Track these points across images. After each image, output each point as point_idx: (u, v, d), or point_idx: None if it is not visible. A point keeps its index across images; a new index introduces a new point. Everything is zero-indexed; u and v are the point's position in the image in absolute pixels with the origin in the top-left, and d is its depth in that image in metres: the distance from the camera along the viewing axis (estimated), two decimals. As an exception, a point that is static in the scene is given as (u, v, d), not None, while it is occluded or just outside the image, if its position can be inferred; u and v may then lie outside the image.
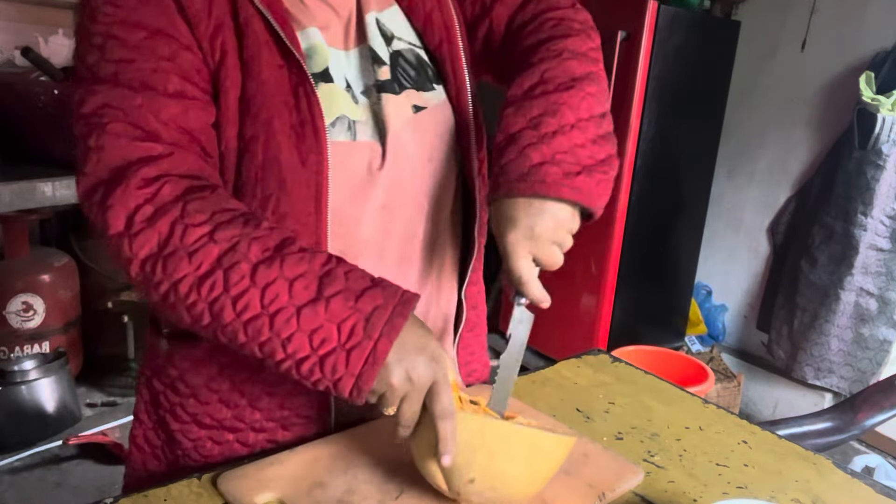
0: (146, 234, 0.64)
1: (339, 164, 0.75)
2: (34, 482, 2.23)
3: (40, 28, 2.73)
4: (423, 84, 0.83)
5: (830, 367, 2.85)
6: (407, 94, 0.81)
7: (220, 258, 0.63)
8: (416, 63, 0.84)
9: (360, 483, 0.74)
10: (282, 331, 0.63)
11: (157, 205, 0.65)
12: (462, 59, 0.85)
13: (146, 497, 0.71)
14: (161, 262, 0.64)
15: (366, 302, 0.64)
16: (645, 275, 3.06)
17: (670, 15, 2.73)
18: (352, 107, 0.78)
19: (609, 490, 0.76)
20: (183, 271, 0.64)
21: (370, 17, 0.81)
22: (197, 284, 0.64)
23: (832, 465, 0.87)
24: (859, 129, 2.68)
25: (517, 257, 0.72)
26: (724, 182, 3.27)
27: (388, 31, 0.83)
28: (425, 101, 0.83)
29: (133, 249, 0.64)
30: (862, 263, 2.72)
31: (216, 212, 0.66)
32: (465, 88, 0.85)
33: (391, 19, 0.84)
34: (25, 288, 2.45)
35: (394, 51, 0.82)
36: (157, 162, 0.66)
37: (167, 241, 0.64)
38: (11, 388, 2.34)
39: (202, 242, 0.64)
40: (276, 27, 0.72)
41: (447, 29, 0.84)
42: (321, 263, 0.65)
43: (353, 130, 0.77)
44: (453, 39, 0.84)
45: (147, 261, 0.64)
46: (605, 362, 1.13)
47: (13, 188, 1.83)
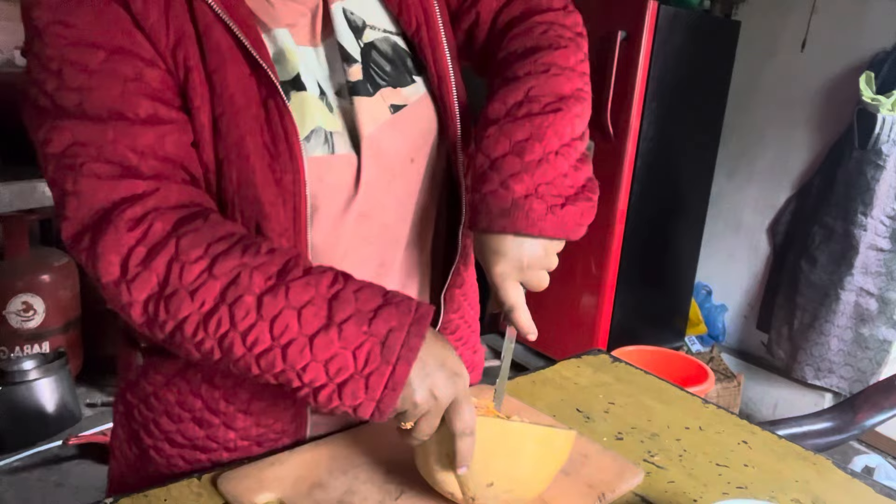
0: (143, 277, 0.61)
1: (317, 180, 0.70)
2: (34, 482, 2.23)
3: (40, 28, 2.73)
4: (400, 79, 0.77)
5: (830, 367, 2.85)
6: (382, 94, 0.75)
7: (222, 293, 0.60)
8: (391, 54, 0.77)
9: (360, 483, 0.74)
10: (296, 362, 0.61)
11: (150, 244, 0.61)
12: (444, 44, 0.78)
13: (146, 497, 0.71)
14: (163, 303, 0.61)
15: (380, 324, 0.61)
16: (645, 275, 3.06)
17: (670, 15, 2.73)
18: (327, 116, 0.72)
19: (609, 490, 0.76)
20: (186, 310, 0.61)
21: (336, 7, 0.74)
22: (203, 322, 0.61)
23: (832, 465, 0.87)
24: (859, 129, 2.68)
25: (507, 288, 0.71)
26: (724, 182, 3.27)
27: (357, 20, 0.76)
28: (404, 97, 0.77)
29: (132, 294, 0.61)
30: (862, 263, 2.72)
31: (211, 243, 0.62)
32: (448, 77, 0.78)
33: (361, 5, 0.77)
34: (25, 288, 2.45)
35: (366, 43, 0.76)
36: (142, 200, 0.62)
37: (166, 281, 0.61)
38: (11, 388, 2.34)
39: (202, 279, 0.60)
40: (239, 34, 0.66)
41: (425, 11, 0.77)
42: (327, 285, 0.62)
43: (331, 143, 0.72)
44: (432, 23, 0.77)
45: (148, 303, 0.61)
46: (605, 362, 1.13)
47: (13, 188, 1.84)
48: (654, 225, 3.01)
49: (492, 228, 0.70)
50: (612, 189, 2.83)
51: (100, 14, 0.62)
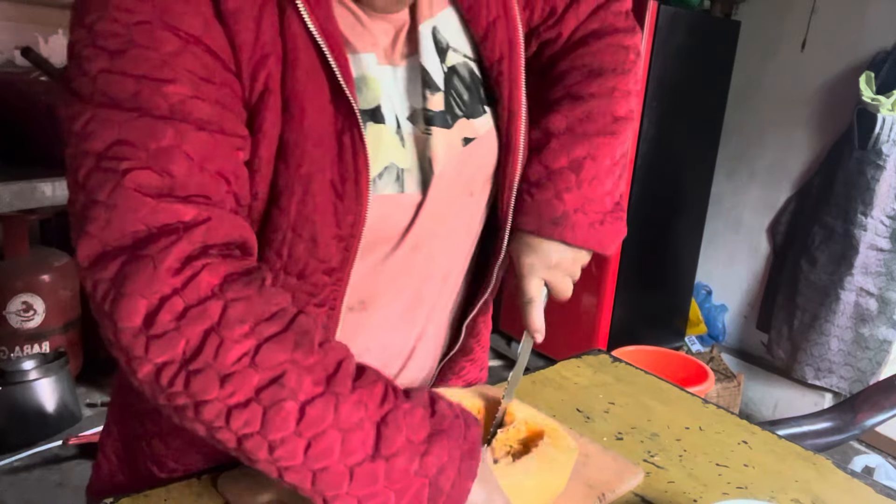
0: (170, 338, 0.51)
1: (379, 218, 0.65)
2: (34, 482, 2.23)
3: (40, 28, 2.73)
4: (474, 109, 0.72)
5: (830, 367, 2.85)
6: (459, 126, 0.70)
7: (259, 390, 0.51)
8: (469, 82, 0.72)
9: None
10: (326, 489, 0.53)
11: (190, 301, 0.51)
12: (522, 81, 0.73)
13: (146, 497, 0.71)
14: (183, 376, 0.51)
15: (430, 461, 0.54)
16: (645, 275, 3.06)
17: (670, 15, 2.73)
18: (400, 152, 0.66)
19: (609, 490, 0.76)
20: (211, 394, 0.51)
21: (425, 27, 0.68)
22: (226, 414, 0.51)
23: (832, 465, 0.87)
24: (859, 129, 2.68)
25: (531, 278, 0.75)
26: (724, 182, 3.27)
27: (443, 40, 0.70)
28: (475, 129, 0.72)
29: (149, 353, 0.51)
30: (862, 263, 2.72)
31: (260, 320, 0.53)
32: (520, 115, 0.73)
33: (446, 25, 0.71)
34: (25, 288, 2.45)
35: (448, 68, 0.70)
36: (190, 232, 0.52)
37: (196, 352, 0.51)
38: (11, 388, 2.34)
39: (241, 365, 0.51)
40: (328, 55, 0.59)
41: (510, 45, 0.72)
42: (378, 403, 0.54)
43: (402, 181, 0.67)
44: (515, 57, 0.72)
45: (164, 368, 0.51)
46: (605, 362, 1.13)
47: (13, 188, 1.84)
48: (654, 225, 3.01)
49: (540, 233, 0.74)
50: (612, 189, 2.83)
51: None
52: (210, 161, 0.55)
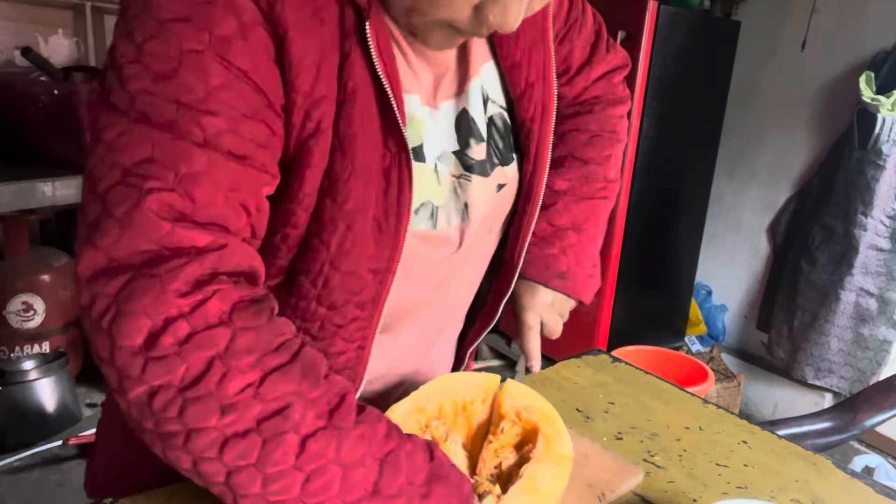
0: (170, 363, 0.49)
1: (412, 252, 0.66)
2: (34, 482, 2.23)
3: (40, 28, 2.73)
4: (507, 157, 0.75)
5: (830, 367, 2.85)
6: (495, 174, 0.73)
7: (260, 421, 0.49)
8: (503, 132, 0.75)
9: None
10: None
11: (197, 326, 0.50)
12: (550, 140, 0.76)
13: (146, 497, 0.71)
14: (179, 402, 0.49)
15: None
16: (645, 275, 3.06)
17: (670, 15, 2.73)
18: (436, 190, 0.68)
19: (609, 490, 0.76)
20: (209, 423, 0.49)
21: (475, 84, 0.71)
22: (221, 444, 0.49)
23: (832, 465, 0.87)
24: (859, 129, 2.68)
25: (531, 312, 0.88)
26: (724, 182, 3.27)
27: (485, 93, 0.72)
28: (507, 176, 0.75)
29: (146, 374, 0.49)
30: (862, 263, 2.72)
31: (268, 351, 0.52)
32: (543, 170, 0.77)
33: (486, 77, 0.73)
34: (25, 288, 2.45)
35: (488, 118, 0.73)
36: (203, 257, 0.51)
37: (197, 380, 0.49)
38: (11, 388, 2.34)
39: (244, 396, 0.49)
40: (391, 97, 0.59)
41: (545, 108, 0.75)
42: (381, 440, 0.54)
43: (435, 218, 0.68)
44: (548, 119, 0.75)
45: (158, 392, 0.49)
46: (605, 362, 1.13)
47: (13, 188, 1.84)
48: (654, 225, 3.01)
49: (547, 284, 0.87)
50: (612, 189, 2.83)
51: (244, 32, 0.52)
52: (235, 192, 0.54)
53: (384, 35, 0.60)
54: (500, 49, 0.73)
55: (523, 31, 0.72)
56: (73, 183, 1.92)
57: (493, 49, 0.74)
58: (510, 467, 0.73)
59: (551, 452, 0.72)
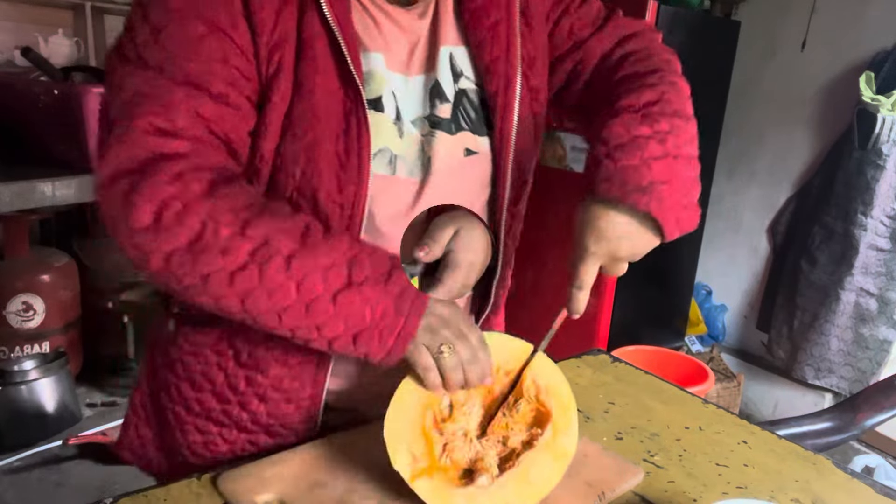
0: (175, 231, 0.63)
1: (375, 196, 0.76)
2: (34, 482, 2.23)
3: (40, 28, 2.73)
4: (479, 128, 0.82)
5: (830, 367, 2.85)
6: (462, 136, 0.81)
7: (252, 253, 0.64)
8: (477, 105, 0.82)
9: (360, 483, 0.74)
10: (317, 316, 0.66)
11: (186, 201, 0.64)
12: (514, 115, 0.82)
13: (146, 497, 0.71)
14: (190, 258, 0.63)
15: (393, 285, 0.67)
16: (645, 275, 3.05)
17: (670, 15, 2.73)
18: (396, 140, 0.77)
19: (609, 490, 0.76)
20: (215, 266, 0.64)
21: (444, 50, 0.80)
22: (229, 279, 0.64)
23: (832, 465, 0.87)
24: (859, 129, 2.68)
25: (589, 263, 0.73)
26: (724, 182, 3.27)
27: (458, 67, 0.81)
28: (478, 145, 0.82)
29: (159, 244, 0.63)
30: (862, 263, 2.72)
31: (245, 206, 0.66)
32: (510, 142, 0.82)
33: (461, 57, 0.82)
34: (25, 288, 2.45)
35: (460, 89, 0.81)
36: (184, 158, 0.65)
37: (198, 237, 0.63)
38: (11, 388, 2.34)
39: (234, 239, 0.64)
40: (344, 49, 0.70)
41: (507, 79, 0.81)
42: (345, 249, 0.67)
43: (394, 165, 0.77)
44: (510, 94, 0.81)
45: (173, 255, 0.63)
46: (605, 362, 1.13)
47: (13, 188, 1.83)
48: (654, 225, 3.01)
49: (624, 199, 0.69)
50: (612, 189, 2.83)
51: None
52: (211, 120, 0.68)
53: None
54: (467, 28, 0.81)
55: (487, 11, 0.80)
56: (73, 183, 1.92)
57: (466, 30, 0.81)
58: (515, 446, 0.74)
59: (555, 446, 0.73)
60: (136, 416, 0.91)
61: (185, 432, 0.84)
